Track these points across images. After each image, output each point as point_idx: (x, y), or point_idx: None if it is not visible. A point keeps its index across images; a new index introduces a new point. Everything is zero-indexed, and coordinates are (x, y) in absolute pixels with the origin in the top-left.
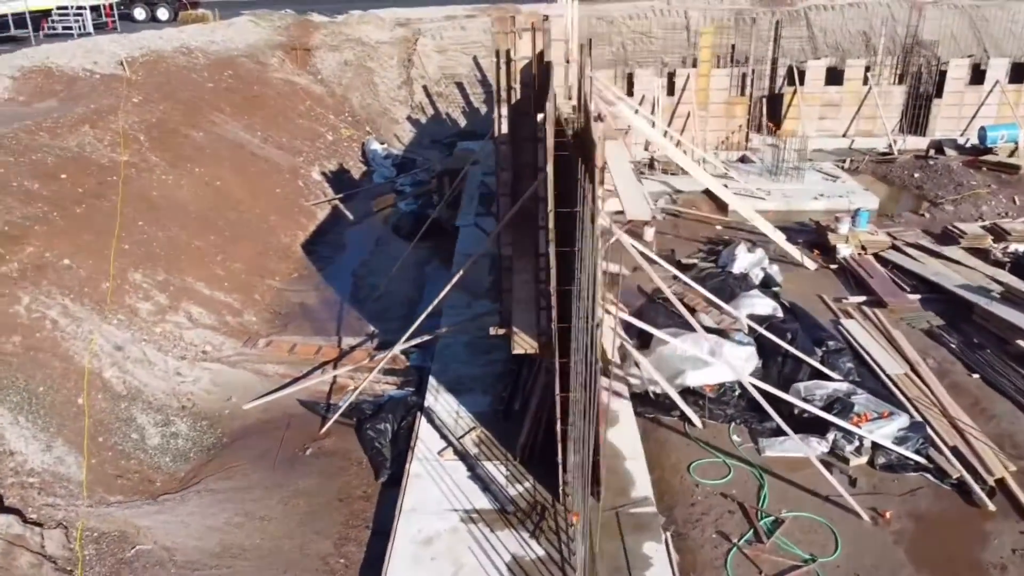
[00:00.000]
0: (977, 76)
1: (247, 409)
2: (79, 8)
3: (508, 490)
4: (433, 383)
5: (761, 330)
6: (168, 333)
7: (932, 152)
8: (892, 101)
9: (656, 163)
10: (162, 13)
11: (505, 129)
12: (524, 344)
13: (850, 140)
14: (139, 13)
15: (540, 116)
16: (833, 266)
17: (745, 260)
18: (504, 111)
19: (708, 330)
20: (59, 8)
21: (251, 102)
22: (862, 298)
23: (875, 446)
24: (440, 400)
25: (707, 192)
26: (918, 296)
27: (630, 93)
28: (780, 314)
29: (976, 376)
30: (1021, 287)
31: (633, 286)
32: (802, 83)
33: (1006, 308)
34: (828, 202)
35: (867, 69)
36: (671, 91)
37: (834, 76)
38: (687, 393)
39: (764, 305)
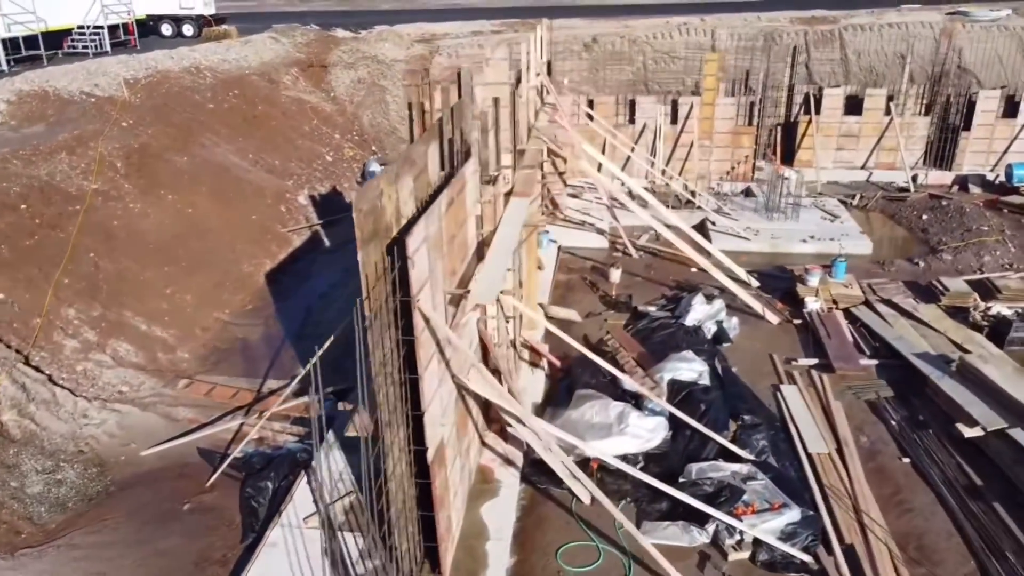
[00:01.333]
0: (1011, 108)
1: (144, 456)
2: (96, 27)
3: (359, 567)
4: (330, 438)
5: (665, 404)
6: (88, 372)
7: (955, 188)
8: (915, 133)
9: (655, 194)
10: (187, 29)
11: None
12: (357, 427)
13: (868, 173)
14: (166, 29)
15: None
16: (798, 321)
17: (700, 311)
18: None
19: (626, 393)
20: (78, 27)
21: (251, 123)
22: (813, 361)
23: (757, 541)
24: (331, 457)
25: (694, 228)
26: (876, 361)
27: (632, 120)
28: (706, 380)
29: (907, 460)
30: (980, 366)
31: (580, 335)
32: (818, 112)
33: (956, 384)
34: (818, 245)
35: (890, 99)
36: (674, 119)
37: (855, 104)
38: (588, 463)
39: (689, 370)
